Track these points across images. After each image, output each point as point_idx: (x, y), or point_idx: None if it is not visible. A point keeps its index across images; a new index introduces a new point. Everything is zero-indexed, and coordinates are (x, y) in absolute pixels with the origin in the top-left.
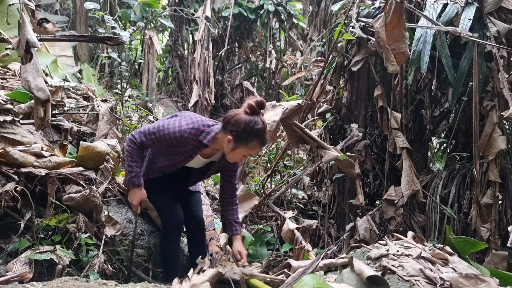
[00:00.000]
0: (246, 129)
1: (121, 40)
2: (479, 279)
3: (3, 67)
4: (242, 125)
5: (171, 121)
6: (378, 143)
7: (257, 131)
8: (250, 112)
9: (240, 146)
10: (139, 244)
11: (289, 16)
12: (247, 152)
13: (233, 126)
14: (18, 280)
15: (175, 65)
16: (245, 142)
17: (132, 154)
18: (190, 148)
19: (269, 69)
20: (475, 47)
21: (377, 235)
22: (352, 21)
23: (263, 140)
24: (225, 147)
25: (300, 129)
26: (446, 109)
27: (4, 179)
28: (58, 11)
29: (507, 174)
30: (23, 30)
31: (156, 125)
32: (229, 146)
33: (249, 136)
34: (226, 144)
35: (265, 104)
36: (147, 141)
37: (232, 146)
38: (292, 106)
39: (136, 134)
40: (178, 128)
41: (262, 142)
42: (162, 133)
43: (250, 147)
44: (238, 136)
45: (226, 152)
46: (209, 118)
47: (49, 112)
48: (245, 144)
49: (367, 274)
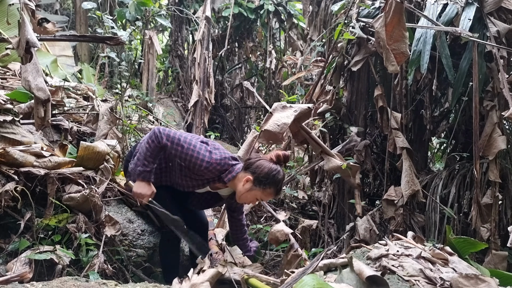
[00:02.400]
0: (268, 174)
1: (121, 40)
2: (479, 279)
3: (3, 67)
4: (266, 170)
5: (202, 147)
6: (378, 143)
7: (278, 180)
8: (276, 161)
9: (256, 189)
10: (139, 244)
11: (289, 16)
12: (260, 197)
13: (256, 168)
14: (18, 280)
15: (175, 65)
16: (263, 186)
17: (153, 151)
18: (206, 179)
19: (269, 69)
20: (475, 47)
21: (377, 235)
22: (352, 21)
23: (279, 190)
24: (240, 186)
25: (307, 133)
26: (446, 109)
27: (4, 179)
28: (58, 11)
29: (507, 174)
30: (23, 30)
31: (188, 140)
32: (246, 186)
33: (268, 182)
34: (244, 183)
35: (289, 159)
36: (170, 148)
37: (249, 187)
38: (303, 109)
39: (163, 133)
40: (208, 159)
41: (278, 192)
42: (190, 153)
43: (266, 192)
44: (258, 179)
45: (240, 192)
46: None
47: (49, 112)
48: (263, 188)
49: (367, 274)
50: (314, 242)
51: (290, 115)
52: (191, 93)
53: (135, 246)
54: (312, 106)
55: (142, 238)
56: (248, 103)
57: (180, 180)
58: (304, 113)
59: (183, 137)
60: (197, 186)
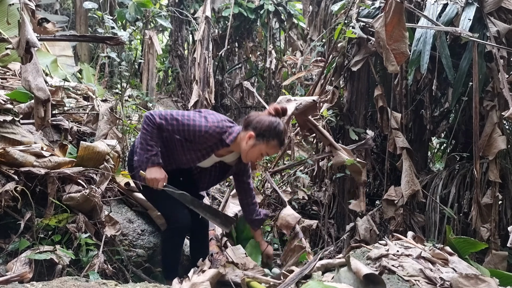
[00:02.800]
0: (270, 127)
1: (121, 40)
2: (479, 279)
3: (3, 67)
4: (267, 123)
5: (197, 114)
6: (378, 143)
7: (279, 131)
8: (275, 115)
9: (260, 143)
10: (139, 244)
11: (289, 16)
12: (265, 151)
13: (257, 123)
14: (18, 280)
15: (175, 65)
16: (266, 139)
17: (152, 133)
18: (209, 145)
19: (269, 69)
20: (475, 47)
21: (377, 235)
22: (352, 21)
23: (282, 141)
24: (244, 145)
25: (314, 126)
26: (446, 109)
27: (4, 179)
28: (58, 11)
29: (507, 174)
30: (23, 30)
31: (181, 113)
32: (249, 142)
33: (271, 134)
34: (246, 140)
35: (287, 112)
36: (166, 125)
37: (253, 143)
38: (307, 102)
39: (155, 114)
40: (205, 124)
41: (282, 143)
42: (187, 123)
43: (270, 145)
44: (261, 133)
45: (245, 150)
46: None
47: (49, 112)
48: (266, 141)
49: (364, 272)
50: (314, 242)
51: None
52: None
53: (135, 246)
54: (317, 98)
55: (142, 238)
56: (248, 103)
57: (184, 156)
58: (310, 106)
59: (175, 112)
60: (202, 156)
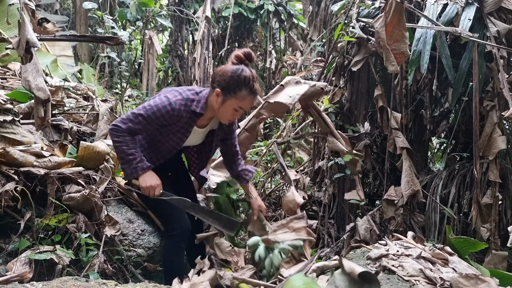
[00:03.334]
0: (233, 77)
1: (121, 40)
2: (479, 279)
3: (3, 67)
4: (229, 74)
5: (156, 99)
6: (378, 143)
7: (245, 78)
8: (237, 62)
9: (229, 98)
10: (139, 244)
11: (289, 16)
12: (238, 105)
13: (220, 78)
14: (18, 280)
15: (175, 65)
16: (233, 92)
17: (126, 141)
18: (184, 122)
19: (269, 69)
20: (475, 47)
21: (377, 235)
22: (352, 21)
23: (252, 89)
24: (214, 104)
25: (317, 111)
26: (446, 109)
27: (4, 179)
28: (58, 11)
29: (507, 174)
30: (23, 30)
31: (141, 106)
32: (218, 100)
33: (237, 85)
34: (215, 99)
35: (252, 56)
36: (134, 125)
37: (221, 99)
38: (315, 89)
39: (118, 122)
40: (167, 102)
41: (252, 91)
42: (151, 112)
43: (239, 97)
44: (226, 87)
45: (217, 109)
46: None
47: (49, 112)
48: (234, 94)
49: (358, 271)
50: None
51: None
52: None
53: (135, 246)
54: (325, 86)
55: (142, 238)
56: None
57: (167, 143)
58: (317, 92)
59: (135, 109)
60: (184, 135)
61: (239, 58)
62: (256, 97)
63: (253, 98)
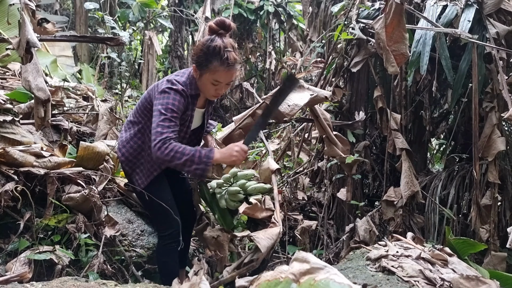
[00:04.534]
0: (202, 49)
1: (121, 41)
2: (480, 281)
3: (3, 67)
4: (200, 47)
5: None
6: (378, 144)
7: (215, 48)
8: (211, 34)
9: (204, 72)
10: (138, 245)
11: (289, 17)
12: (213, 78)
13: (193, 52)
14: (17, 280)
15: (174, 66)
16: (205, 66)
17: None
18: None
19: (268, 70)
20: (474, 49)
21: (376, 236)
22: (352, 22)
23: (223, 59)
24: (198, 81)
25: (316, 116)
26: (446, 111)
27: (4, 179)
28: (58, 11)
29: (506, 176)
30: (23, 30)
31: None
32: (196, 76)
33: (207, 56)
34: (195, 75)
35: (227, 23)
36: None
37: (198, 75)
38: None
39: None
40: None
41: (224, 62)
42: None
43: (212, 70)
44: (198, 60)
45: (200, 86)
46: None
47: (49, 112)
48: (207, 68)
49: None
50: (313, 243)
51: (304, 97)
52: None
53: (135, 246)
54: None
55: (142, 239)
56: (248, 104)
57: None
58: (319, 100)
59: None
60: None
61: (212, 29)
62: (233, 68)
63: (227, 69)
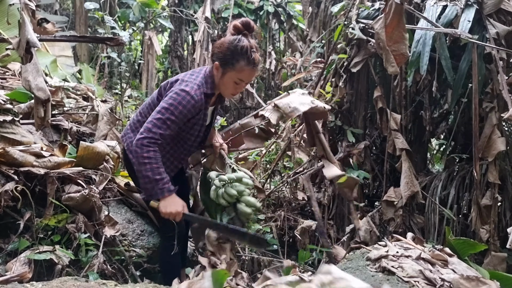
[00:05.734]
0: (229, 48)
1: (121, 41)
2: (480, 281)
3: (3, 67)
4: (226, 45)
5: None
6: (378, 144)
7: (242, 48)
8: (235, 33)
9: (228, 71)
10: (138, 245)
11: (289, 17)
12: (237, 77)
13: (218, 50)
14: (17, 280)
15: (174, 66)
16: (231, 64)
17: (156, 158)
18: (203, 107)
19: (268, 70)
20: (474, 49)
21: (377, 236)
22: (352, 23)
23: (250, 59)
24: (217, 79)
25: (316, 132)
26: (446, 111)
27: (4, 179)
28: (57, 11)
29: (506, 176)
30: (23, 30)
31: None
32: (218, 74)
33: (234, 55)
34: (216, 73)
35: (252, 25)
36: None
37: (221, 73)
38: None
39: (148, 133)
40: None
41: (250, 62)
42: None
43: (238, 69)
44: (223, 59)
45: (218, 84)
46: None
47: (49, 112)
48: (232, 66)
49: None
50: (313, 243)
51: (305, 103)
52: None
53: (135, 246)
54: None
55: (142, 239)
56: (248, 104)
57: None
58: (321, 112)
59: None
60: (203, 119)
61: (237, 28)
62: (256, 68)
63: (253, 69)
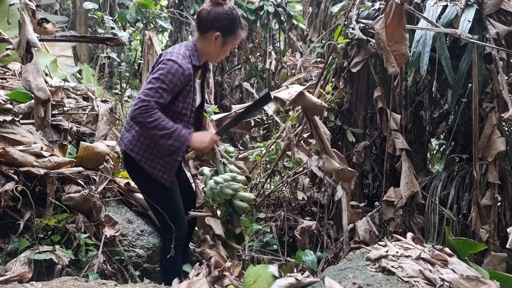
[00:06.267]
0: (229, 18)
1: (121, 41)
2: (480, 281)
3: (3, 67)
4: (225, 16)
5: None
6: (378, 144)
7: (237, 17)
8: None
9: (230, 39)
10: (138, 245)
11: (289, 17)
12: (234, 43)
13: (217, 22)
14: (17, 279)
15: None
16: (233, 33)
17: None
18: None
19: (268, 70)
20: (474, 49)
21: (376, 236)
22: (352, 23)
23: (244, 26)
24: (212, 48)
25: (315, 127)
26: (446, 111)
27: (4, 179)
28: (57, 11)
29: (506, 176)
30: (23, 30)
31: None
32: (217, 43)
33: (234, 25)
34: (214, 43)
35: None
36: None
37: (222, 42)
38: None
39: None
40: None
41: (244, 28)
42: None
43: (237, 36)
44: (228, 29)
45: (215, 52)
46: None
47: (49, 112)
48: (234, 34)
49: None
50: (313, 243)
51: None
52: None
53: (135, 246)
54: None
55: (142, 239)
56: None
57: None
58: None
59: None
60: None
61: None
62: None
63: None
